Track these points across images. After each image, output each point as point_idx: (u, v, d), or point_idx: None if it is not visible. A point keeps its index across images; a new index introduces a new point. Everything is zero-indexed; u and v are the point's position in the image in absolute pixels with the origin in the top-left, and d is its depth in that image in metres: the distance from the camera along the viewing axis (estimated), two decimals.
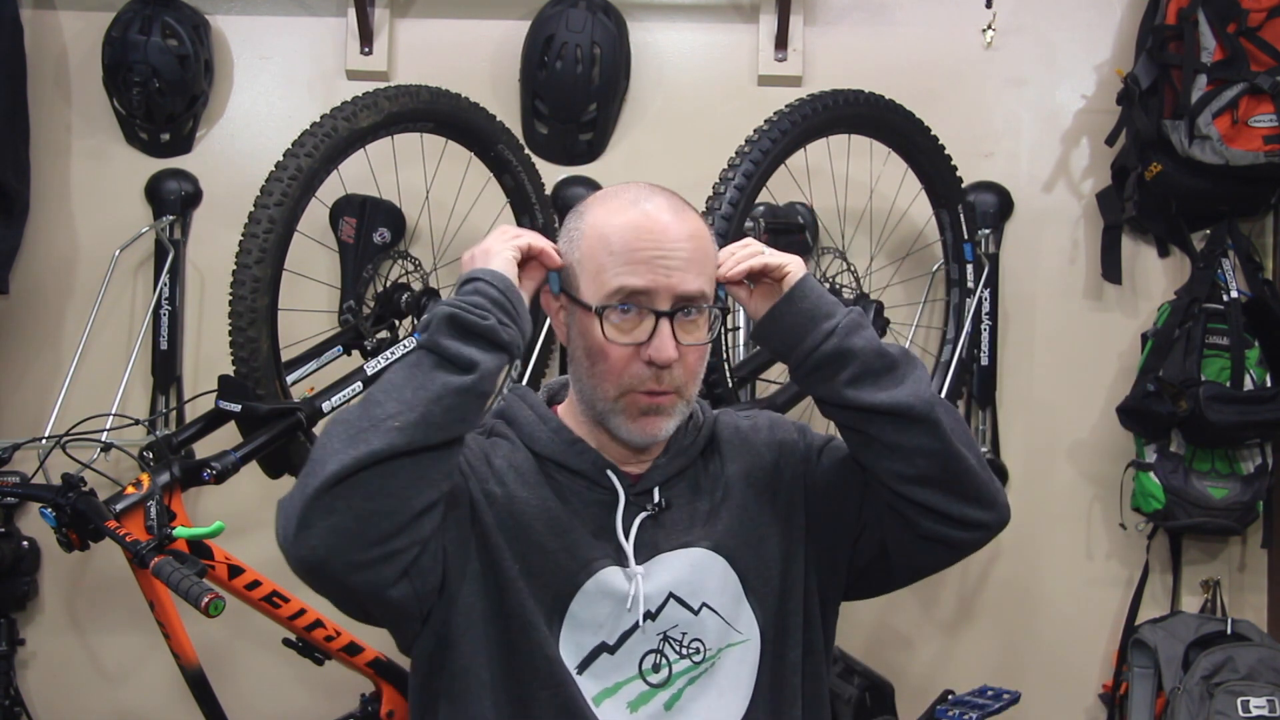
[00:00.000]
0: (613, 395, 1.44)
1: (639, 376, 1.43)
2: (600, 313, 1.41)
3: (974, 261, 2.94)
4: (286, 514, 1.33)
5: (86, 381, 2.91)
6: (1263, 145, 2.81)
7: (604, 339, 1.41)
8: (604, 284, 1.41)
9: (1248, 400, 2.85)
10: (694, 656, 1.48)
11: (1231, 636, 2.87)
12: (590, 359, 1.44)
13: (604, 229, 1.43)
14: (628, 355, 1.41)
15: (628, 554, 1.47)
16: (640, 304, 1.41)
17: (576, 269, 1.44)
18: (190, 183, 3.11)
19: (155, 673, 3.00)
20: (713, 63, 3.16)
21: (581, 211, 1.48)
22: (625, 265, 1.40)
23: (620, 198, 1.47)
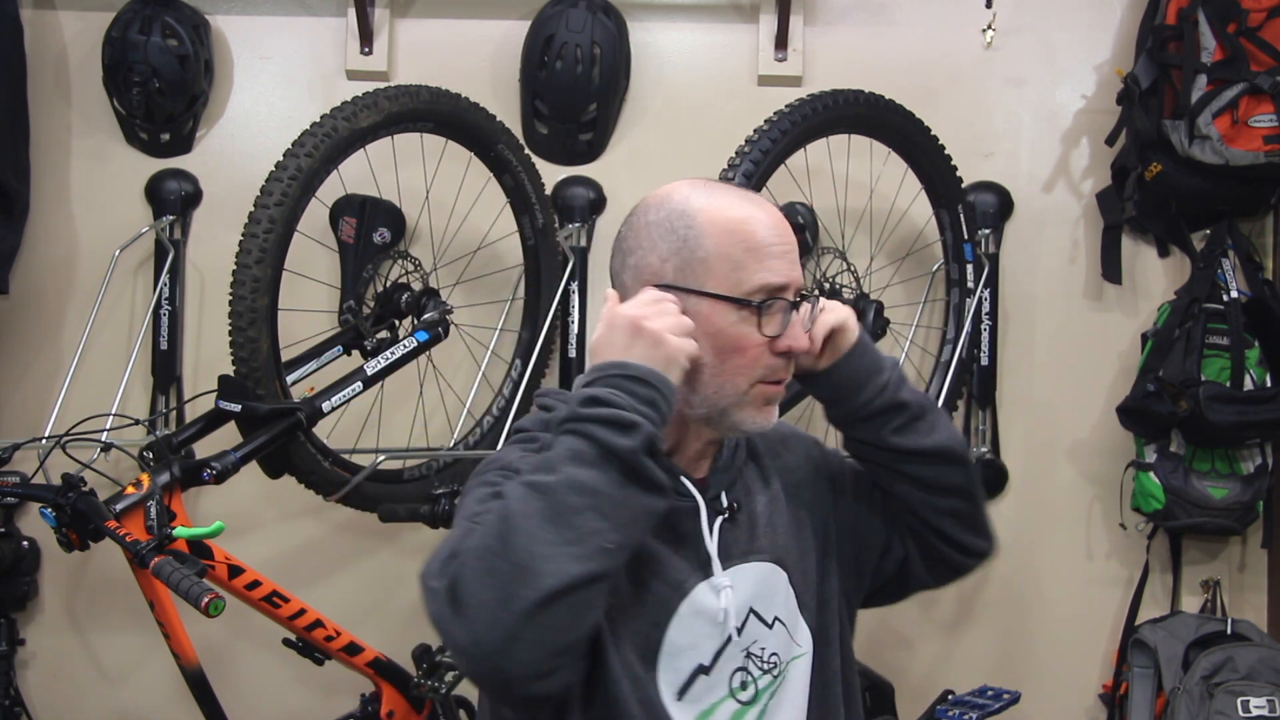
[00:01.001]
0: (744, 388, 1.43)
1: (772, 367, 1.44)
2: (758, 306, 1.41)
3: (974, 261, 2.94)
4: (486, 621, 1.20)
5: (86, 381, 2.91)
6: (1263, 145, 2.81)
7: (749, 334, 1.41)
8: (745, 280, 1.41)
9: (1248, 400, 2.85)
10: (772, 671, 1.49)
11: (1231, 636, 2.87)
12: (721, 354, 1.41)
13: (731, 224, 1.42)
14: (761, 345, 1.42)
15: (715, 564, 1.46)
16: (777, 296, 1.44)
17: (700, 268, 1.41)
18: (190, 183, 3.11)
19: (155, 673, 3.00)
20: (713, 63, 3.16)
21: (682, 209, 1.44)
22: (766, 260, 1.41)
23: (724, 192, 1.47)
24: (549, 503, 1.23)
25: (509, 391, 2.90)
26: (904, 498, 1.57)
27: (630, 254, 1.46)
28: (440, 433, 2.98)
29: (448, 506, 2.47)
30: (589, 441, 1.27)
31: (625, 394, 1.30)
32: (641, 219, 1.47)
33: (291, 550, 3.03)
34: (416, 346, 2.65)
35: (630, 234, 1.47)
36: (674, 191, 1.47)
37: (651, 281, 1.42)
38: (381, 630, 2.76)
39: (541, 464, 1.28)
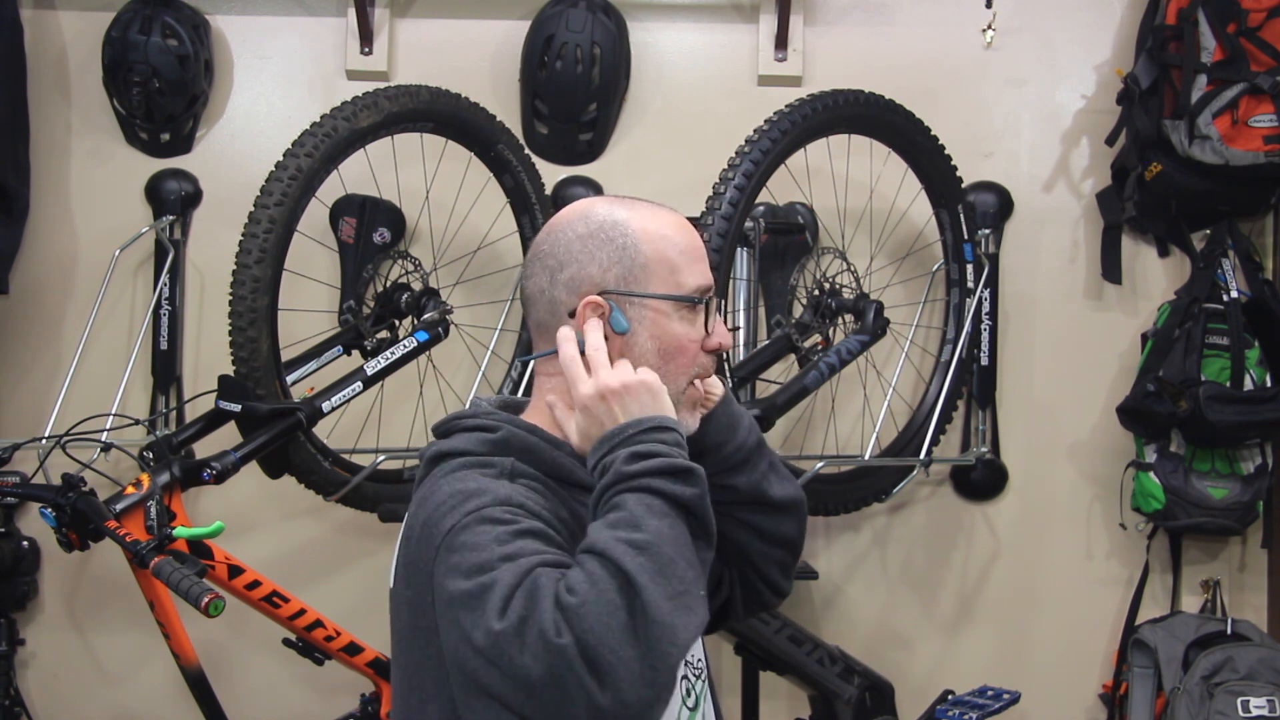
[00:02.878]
0: (683, 387, 1.47)
1: (705, 365, 1.49)
2: (703, 304, 1.47)
3: (974, 261, 2.94)
4: (636, 681, 1.21)
5: (86, 381, 2.91)
6: (1263, 145, 2.81)
7: (690, 334, 1.46)
8: (684, 281, 1.46)
9: (1248, 400, 2.85)
10: (701, 675, 1.51)
11: (1231, 636, 2.87)
12: (665, 355, 1.45)
13: (662, 231, 1.47)
14: (697, 346, 1.47)
15: None
16: (706, 297, 1.49)
17: (640, 274, 1.45)
18: (190, 183, 3.11)
19: (155, 673, 3.00)
20: (713, 63, 3.16)
21: (611, 220, 1.47)
22: (695, 263, 1.48)
23: (640, 203, 1.51)
24: (653, 558, 1.24)
25: (509, 392, 2.90)
26: (741, 544, 1.59)
27: (561, 269, 1.45)
28: None
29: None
30: (657, 496, 1.29)
31: (661, 444, 1.33)
32: (567, 233, 1.46)
33: (291, 550, 3.03)
34: (416, 346, 2.64)
35: (557, 249, 1.46)
36: (592, 207, 1.49)
37: (592, 291, 1.43)
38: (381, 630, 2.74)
39: (625, 521, 1.27)
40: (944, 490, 3.14)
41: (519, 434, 1.44)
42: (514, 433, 1.44)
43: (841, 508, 2.85)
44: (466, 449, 1.44)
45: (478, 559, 1.28)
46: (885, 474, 2.87)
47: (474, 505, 1.33)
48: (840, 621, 3.11)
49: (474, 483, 1.37)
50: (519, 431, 1.44)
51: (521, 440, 1.43)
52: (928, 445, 2.84)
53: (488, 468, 1.40)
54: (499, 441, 1.43)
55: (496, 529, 1.30)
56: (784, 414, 2.62)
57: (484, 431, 1.45)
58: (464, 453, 1.43)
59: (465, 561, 1.29)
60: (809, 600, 3.10)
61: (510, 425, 1.45)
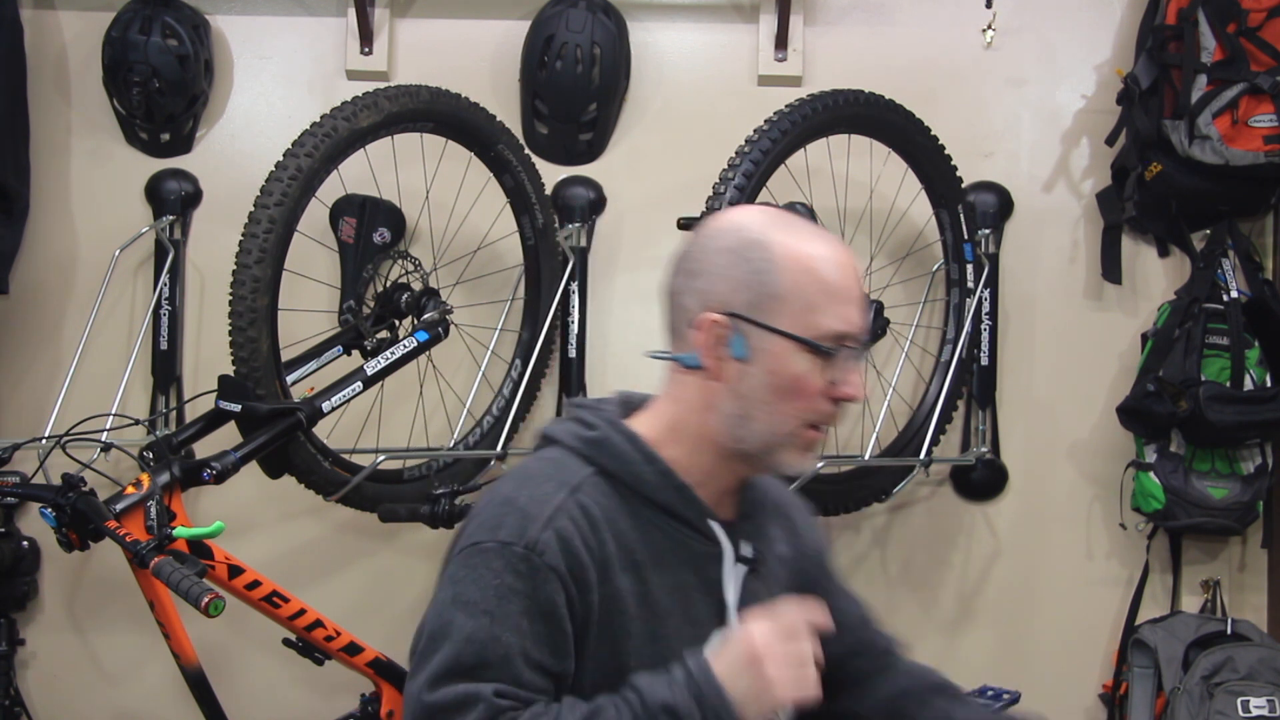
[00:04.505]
0: (791, 429, 1.41)
1: (823, 412, 1.42)
2: (828, 352, 1.39)
3: (974, 261, 2.94)
4: None
5: (86, 381, 2.91)
6: (1263, 145, 2.81)
7: (813, 377, 1.39)
8: (818, 323, 1.38)
9: (1248, 400, 2.85)
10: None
11: (1231, 636, 2.87)
12: (779, 393, 1.39)
13: (809, 264, 1.39)
14: (820, 390, 1.40)
15: (732, 617, 1.43)
16: (844, 345, 1.41)
17: (771, 303, 1.38)
18: (190, 183, 3.11)
19: (155, 673, 3.00)
20: (713, 63, 3.16)
21: (759, 240, 1.40)
22: (841, 304, 1.39)
23: (801, 228, 1.43)
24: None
25: (509, 391, 2.90)
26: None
27: (696, 276, 1.42)
28: (440, 433, 2.98)
29: (448, 506, 2.47)
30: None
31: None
32: (712, 242, 1.42)
33: (291, 550, 3.03)
34: (416, 346, 2.65)
35: (698, 256, 1.43)
36: (749, 219, 1.42)
37: (718, 309, 1.39)
38: (381, 630, 2.75)
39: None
40: (944, 490, 3.14)
41: (615, 439, 1.43)
42: (610, 436, 1.43)
43: (842, 508, 2.85)
44: (562, 439, 1.45)
45: (465, 599, 1.33)
46: (885, 474, 2.87)
47: (504, 536, 1.35)
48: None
49: (527, 495, 1.38)
50: (616, 436, 1.43)
51: (614, 447, 1.43)
52: (928, 445, 2.84)
53: (561, 472, 1.41)
54: (592, 441, 1.43)
55: (496, 592, 1.32)
56: None
57: (584, 426, 1.45)
58: (558, 441, 1.45)
59: (456, 593, 1.34)
60: None
61: (611, 428, 1.44)
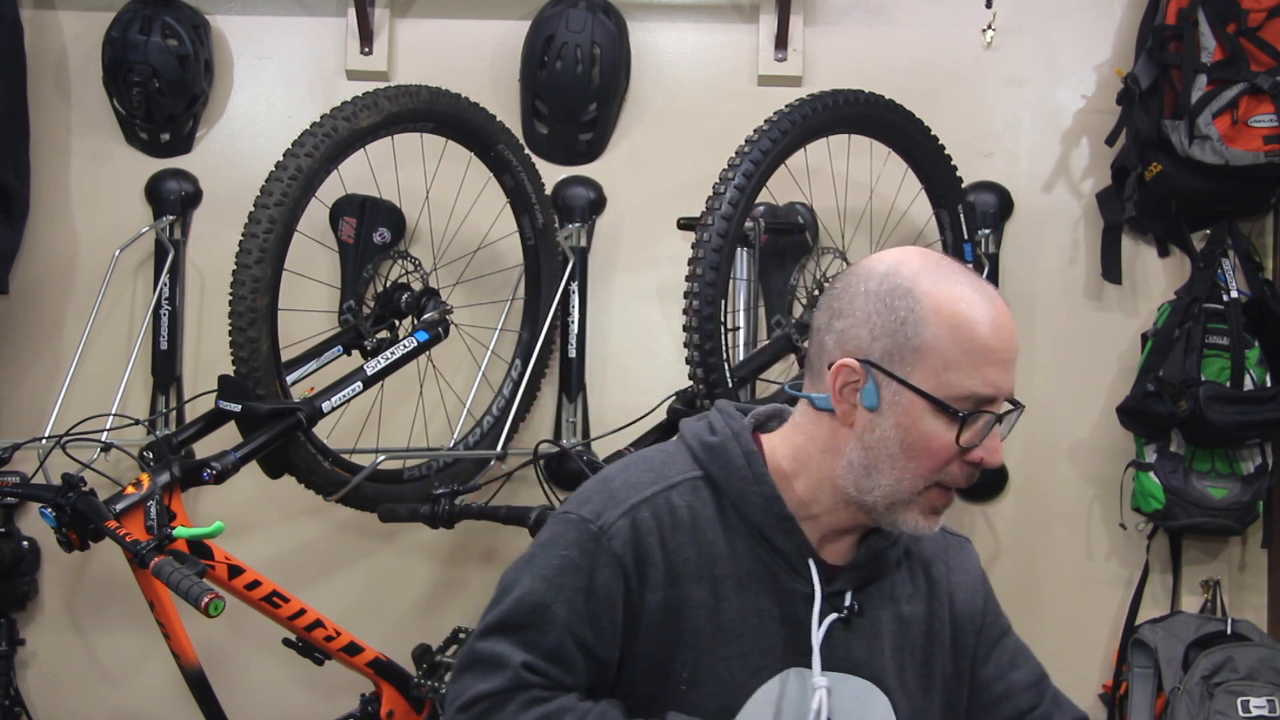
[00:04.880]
0: (919, 489, 1.35)
1: (954, 475, 1.36)
2: (962, 416, 1.32)
3: (974, 261, 2.94)
4: None
5: (86, 381, 2.91)
6: (1263, 145, 2.81)
7: (944, 438, 1.33)
8: (956, 383, 1.31)
9: (1248, 400, 2.85)
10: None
11: (1231, 636, 2.87)
12: (909, 451, 1.33)
13: (956, 318, 1.32)
14: (952, 452, 1.34)
15: (815, 659, 1.37)
16: (984, 410, 1.34)
17: (909, 356, 1.32)
18: (190, 183, 3.10)
19: (155, 673, 3.00)
20: (713, 63, 3.16)
21: (908, 288, 1.33)
22: (983, 366, 1.32)
23: (955, 278, 1.35)
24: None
25: (509, 391, 2.90)
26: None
27: (839, 316, 1.37)
28: (440, 433, 2.98)
29: (448, 506, 2.47)
30: None
31: None
32: (861, 284, 1.36)
33: (291, 550, 3.03)
34: (416, 346, 2.65)
35: (845, 296, 1.37)
36: (903, 264, 1.36)
37: (855, 354, 1.34)
38: (381, 630, 2.76)
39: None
40: None
41: (731, 449, 1.41)
42: (728, 445, 1.41)
43: None
44: (686, 436, 1.45)
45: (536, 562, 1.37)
46: None
47: (586, 511, 1.38)
48: None
49: (627, 476, 1.41)
50: (734, 447, 1.41)
51: (728, 458, 1.41)
52: None
53: (671, 466, 1.41)
54: (709, 446, 1.42)
55: (562, 563, 1.35)
56: None
57: (709, 430, 1.44)
58: (682, 436, 1.45)
59: (533, 553, 1.39)
60: None
61: (733, 438, 1.42)
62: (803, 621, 1.38)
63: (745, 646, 1.37)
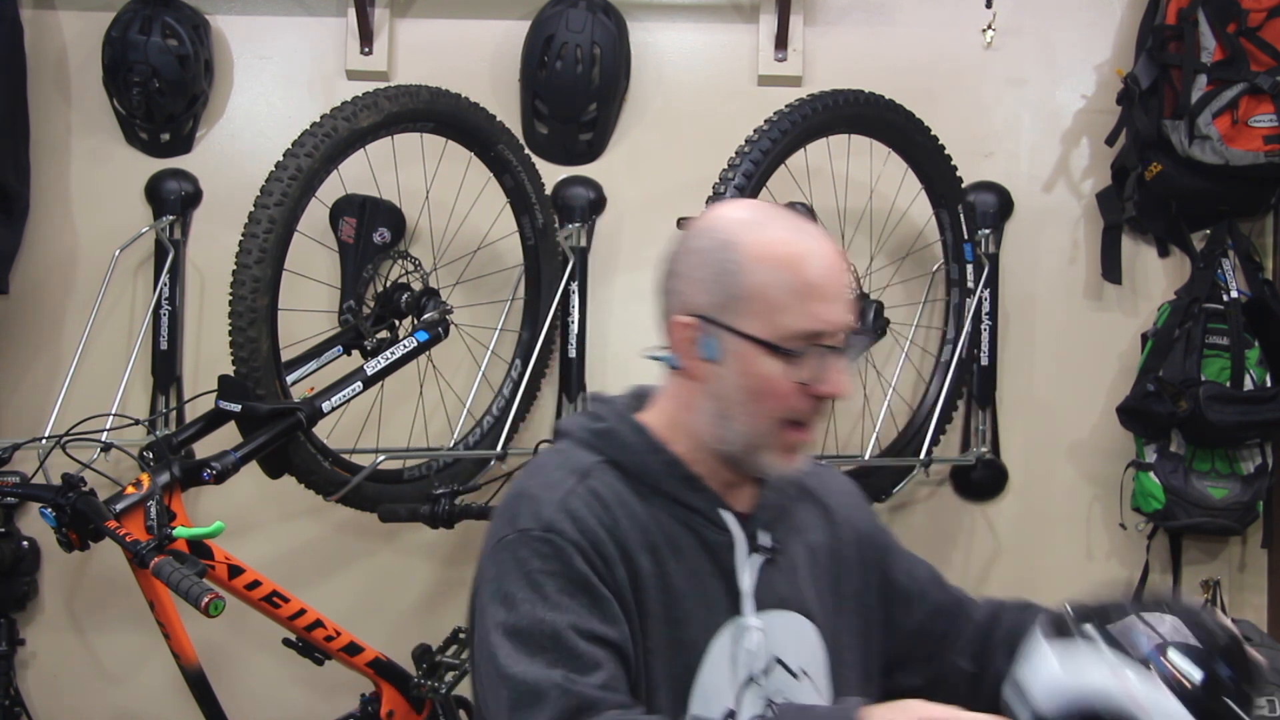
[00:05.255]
0: (768, 429, 1.40)
1: (802, 411, 1.40)
2: (792, 354, 1.36)
3: (974, 261, 2.94)
4: None
5: (86, 381, 2.91)
6: (1263, 145, 2.81)
7: (782, 378, 1.37)
8: (783, 324, 1.36)
9: (1248, 400, 2.85)
10: None
11: None
12: (753, 395, 1.38)
13: (777, 261, 1.36)
14: (794, 389, 1.38)
15: (747, 604, 1.43)
16: (817, 344, 1.38)
17: (737, 305, 1.36)
18: (190, 183, 3.10)
19: (155, 673, 3.00)
20: (713, 63, 3.16)
21: (728, 239, 1.38)
22: (809, 303, 1.36)
23: (776, 224, 1.41)
24: None
25: (509, 391, 2.90)
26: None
27: (674, 278, 1.43)
28: (440, 433, 2.98)
29: (448, 506, 2.47)
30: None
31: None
32: (689, 243, 1.42)
33: (291, 550, 3.03)
34: (416, 346, 2.65)
35: (678, 257, 1.43)
36: (724, 218, 1.42)
37: (690, 311, 1.39)
38: (381, 630, 2.76)
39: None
40: (944, 490, 3.14)
41: (621, 430, 1.45)
42: (616, 427, 1.45)
43: None
44: (572, 431, 1.48)
45: (503, 595, 1.33)
46: (885, 474, 2.87)
47: (521, 525, 1.37)
48: None
49: (539, 483, 1.40)
50: (623, 428, 1.45)
51: (620, 438, 1.45)
52: (927, 445, 2.84)
53: (571, 461, 1.43)
54: (600, 433, 1.45)
55: (529, 579, 1.33)
56: None
57: (593, 419, 1.47)
58: (569, 434, 1.48)
59: (495, 590, 1.35)
60: None
61: (619, 419, 1.45)
62: (734, 570, 1.44)
63: (693, 606, 1.41)
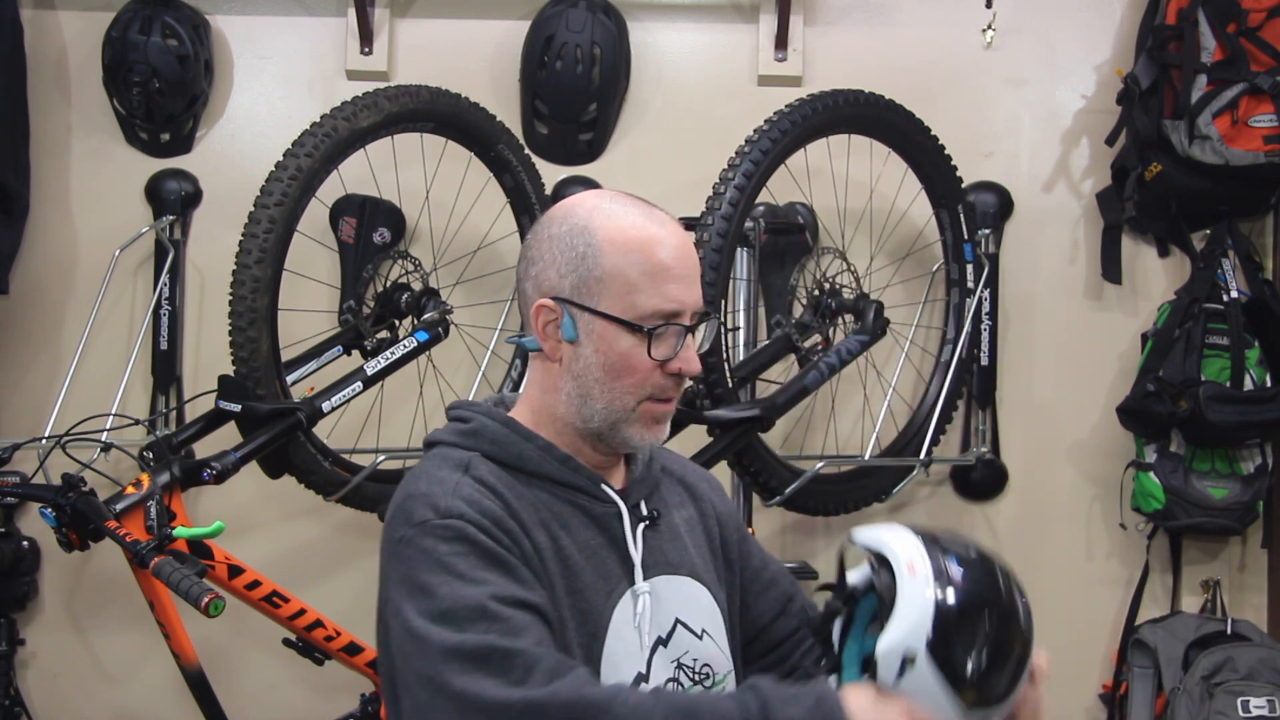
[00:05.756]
0: (631, 405, 1.46)
1: (661, 386, 1.46)
2: (648, 332, 1.43)
3: (974, 261, 2.94)
4: None
5: (86, 381, 2.91)
6: (1263, 145, 2.81)
7: (640, 355, 1.43)
8: (638, 304, 1.42)
9: (1248, 400, 2.85)
10: (705, 681, 1.51)
11: (1231, 636, 2.87)
12: (611, 372, 1.44)
13: (628, 246, 1.43)
14: (651, 366, 1.44)
15: (637, 570, 1.47)
16: (672, 322, 1.45)
17: (594, 286, 1.43)
18: (190, 183, 3.11)
19: (155, 673, 3.00)
20: (713, 63, 3.16)
21: (584, 225, 1.45)
22: (662, 284, 1.43)
23: (628, 210, 1.47)
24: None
25: (509, 390, 2.90)
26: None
27: (533, 264, 1.49)
28: None
29: None
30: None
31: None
32: (545, 230, 1.48)
33: (291, 550, 3.03)
34: (416, 346, 2.65)
35: (535, 244, 1.50)
36: (578, 205, 1.48)
37: (549, 294, 1.45)
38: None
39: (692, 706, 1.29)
40: (944, 490, 3.14)
41: (490, 425, 1.49)
42: (485, 424, 1.49)
43: (841, 508, 2.84)
44: (444, 438, 1.51)
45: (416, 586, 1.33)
46: (885, 474, 2.87)
47: (418, 519, 1.38)
48: None
49: (425, 483, 1.42)
50: (490, 423, 1.49)
51: (491, 432, 1.49)
52: (928, 445, 2.84)
53: (449, 460, 1.46)
54: (469, 432, 1.50)
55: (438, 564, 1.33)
56: (784, 414, 2.63)
57: (460, 422, 1.52)
58: (441, 441, 1.51)
59: (407, 588, 1.34)
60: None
61: (484, 417, 1.50)
62: (625, 539, 1.48)
63: (591, 577, 1.44)
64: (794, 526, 3.08)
